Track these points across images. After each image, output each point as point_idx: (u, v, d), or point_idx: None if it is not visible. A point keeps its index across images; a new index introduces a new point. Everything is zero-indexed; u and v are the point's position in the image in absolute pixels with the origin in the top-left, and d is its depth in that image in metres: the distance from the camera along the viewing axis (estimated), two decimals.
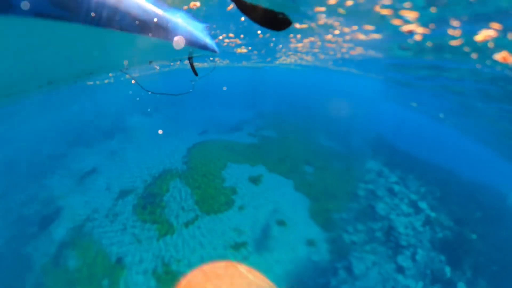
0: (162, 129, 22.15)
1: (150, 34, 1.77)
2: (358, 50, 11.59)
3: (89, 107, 26.03)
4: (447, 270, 10.23)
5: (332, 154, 18.62)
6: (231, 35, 10.86)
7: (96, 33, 1.23)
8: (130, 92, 29.25)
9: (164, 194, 13.68)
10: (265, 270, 9.64)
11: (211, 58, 19.40)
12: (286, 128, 24.07)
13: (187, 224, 11.77)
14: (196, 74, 5.24)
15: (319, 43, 11.20)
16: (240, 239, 10.94)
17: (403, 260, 10.45)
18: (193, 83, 5.59)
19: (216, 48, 5.23)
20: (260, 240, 11.00)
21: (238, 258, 10.04)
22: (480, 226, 12.59)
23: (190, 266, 10.02)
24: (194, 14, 6.94)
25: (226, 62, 22.80)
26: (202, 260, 10.07)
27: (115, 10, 1.25)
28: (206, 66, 23.70)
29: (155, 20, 1.81)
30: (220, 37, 11.16)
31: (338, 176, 15.55)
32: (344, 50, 12.14)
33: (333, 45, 11.30)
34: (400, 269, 9.98)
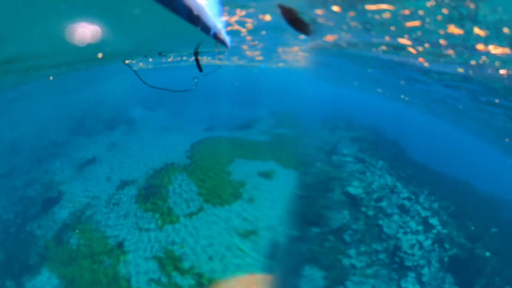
0: (166, 124, 23.59)
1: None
2: None
3: (92, 96, 27.47)
4: None
5: None
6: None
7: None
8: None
9: (165, 186, 14.97)
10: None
11: (220, 56, 20.43)
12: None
13: (189, 215, 12.97)
14: (200, 70, 5.17)
15: None
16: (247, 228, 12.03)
17: (407, 282, 10.45)
18: (196, 80, 5.56)
19: (228, 43, 5.40)
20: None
21: (244, 245, 11.26)
22: (496, 243, 12.27)
23: (192, 251, 11.25)
24: None
25: (242, 62, 24.05)
26: (205, 246, 11.30)
27: None
28: (214, 63, 25.00)
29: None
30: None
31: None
32: None
33: None
34: None
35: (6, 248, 12.20)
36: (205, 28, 2.36)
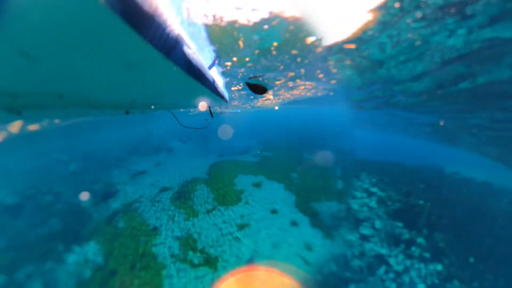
0: (193, 152, 28.96)
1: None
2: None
3: (144, 130, 34.08)
4: (405, 232, 13.08)
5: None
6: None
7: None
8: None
9: (191, 192, 18.34)
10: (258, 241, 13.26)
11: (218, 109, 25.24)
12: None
13: (207, 212, 15.96)
14: (212, 116, 7.51)
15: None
16: (243, 222, 14.98)
17: (365, 230, 13.43)
18: (207, 120, 8.21)
19: (227, 99, 7.81)
20: (258, 221, 14.95)
21: (240, 233, 13.73)
22: (425, 194, 16.22)
23: (206, 235, 13.92)
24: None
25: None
26: (215, 232, 13.93)
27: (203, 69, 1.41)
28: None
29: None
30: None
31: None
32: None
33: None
34: (364, 237, 12.94)
35: (66, 221, 15.85)
36: (223, 98, 4.75)
